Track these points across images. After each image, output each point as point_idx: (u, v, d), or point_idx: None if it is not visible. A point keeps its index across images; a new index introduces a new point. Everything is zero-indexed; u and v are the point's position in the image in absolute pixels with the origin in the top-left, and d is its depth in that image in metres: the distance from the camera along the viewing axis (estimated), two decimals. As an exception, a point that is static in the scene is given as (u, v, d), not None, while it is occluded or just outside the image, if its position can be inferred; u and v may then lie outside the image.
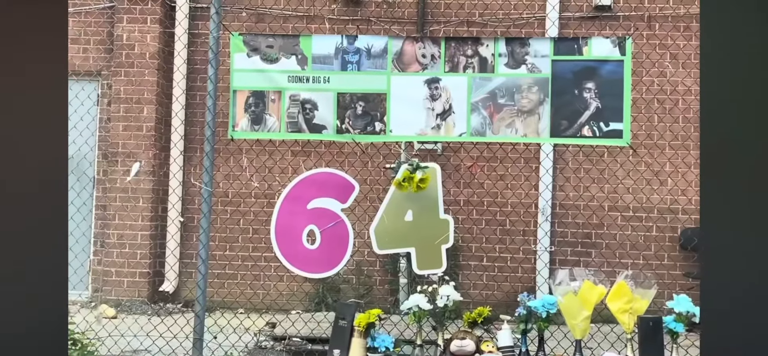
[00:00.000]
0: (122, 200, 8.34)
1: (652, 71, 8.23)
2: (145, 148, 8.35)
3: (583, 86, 5.29)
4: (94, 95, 8.56)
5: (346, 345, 5.32)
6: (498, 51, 5.38)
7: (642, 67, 8.13)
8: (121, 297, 8.18)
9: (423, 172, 5.41)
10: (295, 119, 5.42)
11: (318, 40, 5.51)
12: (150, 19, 8.43)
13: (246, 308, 8.10)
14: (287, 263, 5.53)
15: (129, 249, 8.29)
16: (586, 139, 5.37)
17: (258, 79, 5.45)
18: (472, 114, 5.37)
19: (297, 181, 5.69)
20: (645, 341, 5.11)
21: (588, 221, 8.22)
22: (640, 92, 8.20)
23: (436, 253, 5.53)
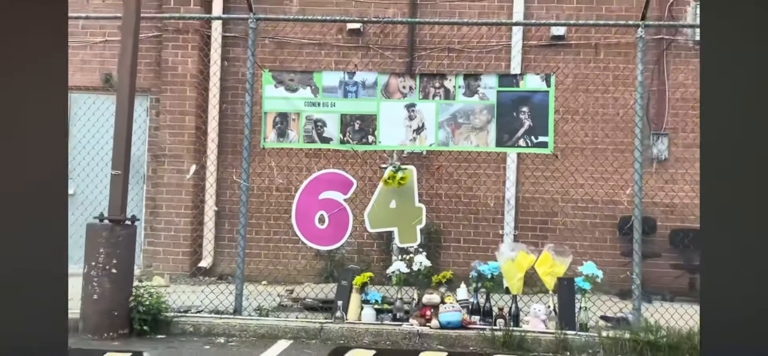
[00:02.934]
0: (168, 193, 10.30)
1: (597, 89, 10.12)
2: (186, 151, 10.31)
3: (519, 110, 7.25)
4: (145, 108, 10.51)
5: (347, 299, 7.32)
6: (458, 84, 7.34)
7: (590, 86, 10.03)
8: (167, 272, 10.13)
9: (403, 172, 7.40)
10: (309, 133, 7.41)
11: (327, 75, 7.50)
12: (190, 46, 10.38)
13: (268, 280, 10.05)
14: (304, 239, 7.54)
15: (173, 233, 10.25)
16: (522, 148, 7.34)
17: (282, 104, 7.43)
18: (439, 130, 7.33)
19: (311, 178, 7.69)
20: (562, 295, 7.08)
21: (544, 211, 10.15)
22: (587, 105, 10.11)
23: (412, 231, 7.54)
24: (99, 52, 10.57)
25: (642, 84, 7.48)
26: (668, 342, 6.54)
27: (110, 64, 10.49)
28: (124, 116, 6.92)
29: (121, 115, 6.93)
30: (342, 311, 7.22)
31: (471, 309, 7.21)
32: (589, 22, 9.66)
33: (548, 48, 10.26)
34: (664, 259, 9.86)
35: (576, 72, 10.13)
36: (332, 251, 9.54)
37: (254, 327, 7.07)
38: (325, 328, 7.02)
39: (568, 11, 10.24)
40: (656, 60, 10.17)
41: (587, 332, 6.90)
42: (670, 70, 10.13)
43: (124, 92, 6.96)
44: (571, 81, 10.09)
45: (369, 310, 7.24)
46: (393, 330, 6.98)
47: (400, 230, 7.56)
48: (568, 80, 10.07)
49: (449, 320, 6.95)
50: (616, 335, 6.72)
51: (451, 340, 6.81)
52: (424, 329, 6.95)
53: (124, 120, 6.91)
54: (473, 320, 7.13)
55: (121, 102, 6.94)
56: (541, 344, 6.74)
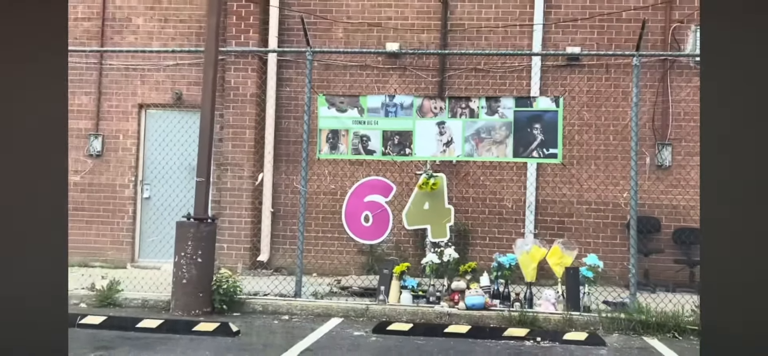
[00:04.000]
0: (231, 196, 11.84)
1: (609, 104, 11.41)
2: (246, 160, 11.84)
3: (533, 126, 8.61)
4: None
5: (388, 285, 8.75)
6: (481, 105, 8.73)
7: (602, 101, 11.32)
8: (230, 265, 11.65)
9: (435, 179, 8.81)
10: (356, 147, 8.86)
11: (371, 98, 8.95)
12: (249, 68, 11.91)
13: (318, 272, 11.52)
14: (352, 234, 9.00)
15: (235, 231, 11.78)
16: (535, 159, 8.70)
17: (334, 123, 8.90)
18: (465, 143, 8.73)
19: (357, 184, 9.16)
20: (568, 282, 8.41)
21: (561, 212, 11.46)
22: (599, 118, 11.42)
23: (443, 228, 8.95)
24: (170, 74, 12.15)
25: (637, 104, 8.79)
26: (656, 320, 7.85)
27: (180, 83, 12.09)
28: (207, 134, 8.44)
29: (203, 133, 8.45)
30: (384, 295, 8.66)
31: (492, 293, 8.60)
32: (591, 52, 11.01)
33: (564, 68, 11.57)
34: (667, 254, 11.09)
35: (589, 89, 11.45)
36: (374, 247, 10.98)
37: (312, 307, 8.55)
38: (370, 308, 8.46)
39: (582, 35, 11.55)
40: (661, 78, 11.42)
41: (589, 313, 8.23)
42: (672, 86, 11.37)
43: (206, 115, 8.48)
44: (585, 97, 11.42)
45: (407, 294, 8.67)
46: (427, 310, 8.39)
47: (432, 227, 9.01)
48: (582, 96, 11.41)
49: (474, 303, 8.34)
50: (614, 315, 8.05)
51: (475, 319, 8.19)
52: (452, 310, 8.35)
53: (206, 137, 8.44)
54: (494, 303, 8.51)
55: (204, 123, 8.47)
56: (551, 322, 8.09)
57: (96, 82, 12.19)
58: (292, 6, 11.96)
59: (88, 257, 11.87)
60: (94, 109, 12.17)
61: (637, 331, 7.85)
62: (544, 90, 11.46)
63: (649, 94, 11.39)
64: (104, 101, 12.21)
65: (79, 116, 12.15)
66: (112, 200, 12.11)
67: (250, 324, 7.87)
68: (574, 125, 11.36)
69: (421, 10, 11.85)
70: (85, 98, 12.18)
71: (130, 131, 12.14)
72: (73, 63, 12.11)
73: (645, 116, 11.33)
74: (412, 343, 7.10)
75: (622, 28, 11.49)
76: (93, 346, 6.54)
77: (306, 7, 11.93)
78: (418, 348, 6.86)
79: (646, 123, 11.33)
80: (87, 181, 12.10)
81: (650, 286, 10.48)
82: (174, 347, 6.61)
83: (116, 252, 12.02)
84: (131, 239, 12.09)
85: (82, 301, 8.79)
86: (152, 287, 9.32)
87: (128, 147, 12.14)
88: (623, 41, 11.35)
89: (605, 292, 9.06)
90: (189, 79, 12.08)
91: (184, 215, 8.57)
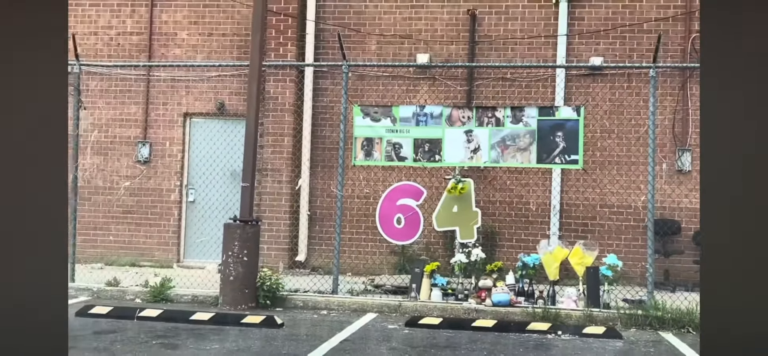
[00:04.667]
0: (270, 200, 12.55)
1: (630, 111, 11.91)
2: (284, 166, 12.54)
3: (555, 134, 9.17)
4: (251, 130, 12.77)
5: (419, 283, 9.36)
6: (506, 114, 9.32)
7: (624, 109, 11.83)
8: (270, 265, 12.35)
9: (463, 183, 9.43)
10: (390, 154, 9.50)
11: (403, 108, 9.59)
12: (288, 79, 12.61)
13: (352, 272, 12.16)
14: (385, 235, 9.66)
15: (275, 232, 12.48)
16: (557, 165, 9.27)
17: (369, 131, 9.55)
18: (491, 150, 9.32)
19: (390, 188, 9.81)
20: (589, 281, 8.96)
21: (584, 215, 11.98)
22: (621, 125, 11.92)
23: (471, 230, 9.56)
24: (213, 85, 12.90)
25: (653, 113, 9.30)
26: (672, 317, 8.37)
27: (222, 93, 12.83)
28: (251, 142, 9.14)
29: (248, 141, 9.15)
30: (416, 292, 9.28)
31: (517, 291, 9.18)
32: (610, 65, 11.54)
33: (587, 76, 12.09)
34: (687, 256, 11.54)
35: (611, 97, 11.96)
36: (405, 247, 11.60)
37: (348, 303, 9.20)
38: (403, 305, 9.09)
39: (604, 45, 12.07)
40: (681, 86, 11.89)
41: (609, 309, 8.76)
42: (692, 94, 11.83)
43: (251, 125, 9.18)
44: (607, 104, 11.94)
45: (437, 292, 9.28)
46: (456, 306, 8.99)
47: (460, 229, 9.62)
48: (605, 104, 11.93)
49: (500, 300, 8.92)
50: (632, 311, 8.58)
51: (501, 315, 8.77)
52: (480, 306, 8.94)
53: (251, 146, 9.14)
54: (519, 300, 9.08)
55: (249, 132, 9.17)
56: (572, 318, 8.64)
57: (144, 92, 12.98)
58: (328, 20, 12.64)
59: (137, 257, 12.66)
60: (142, 118, 12.96)
61: (653, 326, 8.37)
62: (568, 98, 11.99)
63: (670, 101, 11.87)
64: (152, 110, 12.99)
65: (129, 125, 12.96)
66: (159, 203, 12.89)
67: (293, 317, 8.54)
68: (596, 131, 11.88)
69: (450, 22, 12.45)
70: (134, 107, 12.98)
71: (176, 138, 12.90)
72: (123, 75, 12.95)
73: (666, 123, 11.81)
74: (442, 335, 7.70)
75: (644, 39, 11.97)
76: (153, 336, 7.26)
77: (341, 21, 12.60)
78: (447, 340, 7.46)
79: (666, 130, 11.81)
80: (136, 186, 12.89)
81: (670, 286, 10.96)
82: (226, 337, 7.30)
83: (163, 253, 12.79)
84: (177, 241, 12.85)
85: (137, 297, 9.54)
86: (200, 284, 10.04)
87: (174, 154, 12.90)
88: (644, 51, 11.84)
89: (624, 290, 9.57)
90: (231, 89, 12.82)
91: (230, 217, 9.28)
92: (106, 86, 13.04)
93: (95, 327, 7.63)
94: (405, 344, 7.26)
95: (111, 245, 12.85)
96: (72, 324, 7.80)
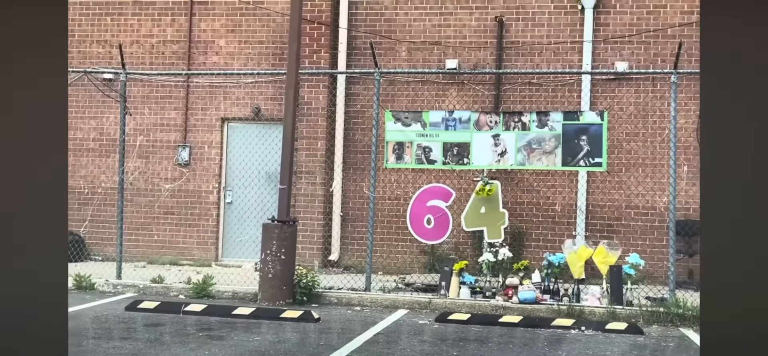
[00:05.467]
0: (304, 201, 13.03)
1: (654, 115, 12.18)
2: (318, 168, 13.01)
3: (579, 138, 9.52)
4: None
5: (448, 281, 9.77)
6: (532, 118, 9.69)
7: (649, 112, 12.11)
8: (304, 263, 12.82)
9: (490, 185, 9.81)
10: (420, 157, 9.93)
11: (432, 113, 10.02)
12: (321, 85, 13.08)
13: (383, 270, 12.59)
14: (416, 235, 10.08)
15: (309, 232, 12.96)
16: (581, 167, 9.61)
17: (400, 136, 9.98)
18: (518, 153, 9.70)
19: (420, 191, 10.24)
20: (612, 279, 9.29)
21: (610, 216, 12.28)
22: (645, 128, 12.20)
23: (498, 230, 9.95)
24: (250, 91, 13.42)
25: (675, 118, 9.60)
26: (692, 314, 8.67)
27: (258, 99, 13.35)
28: (288, 146, 9.62)
29: (285, 146, 9.64)
30: (445, 289, 9.68)
31: (543, 289, 9.54)
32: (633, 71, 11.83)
33: (612, 81, 12.39)
34: (711, 256, 11.78)
35: (636, 100, 12.25)
36: (435, 247, 12.01)
37: (380, 300, 9.63)
38: (433, 302, 9.50)
39: (629, 50, 12.36)
40: (705, 90, 12.13)
41: (631, 306, 9.09)
42: (716, 98, 12.06)
43: (288, 130, 9.67)
44: (632, 108, 12.23)
45: (465, 289, 9.67)
46: (483, 303, 9.38)
47: (488, 229, 10.01)
48: (630, 107, 12.23)
49: (526, 297, 9.29)
50: (654, 308, 8.90)
51: (527, 312, 9.13)
52: (507, 303, 9.31)
53: (288, 150, 9.62)
54: (544, 297, 9.45)
55: (286, 137, 9.65)
56: (596, 314, 8.98)
57: (184, 98, 13.55)
58: (359, 27, 13.10)
59: (177, 256, 13.22)
60: (182, 122, 13.53)
61: (674, 323, 8.69)
62: (593, 102, 12.30)
63: (694, 105, 12.11)
64: (191, 115, 13.55)
65: (169, 129, 13.54)
66: (198, 204, 13.44)
67: (328, 312, 9.00)
68: (622, 133, 12.18)
69: (478, 28, 12.83)
70: (174, 112, 13.55)
71: (214, 142, 13.44)
72: (164, 81, 13.52)
73: (690, 126, 12.07)
74: (470, 330, 8.10)
75: (668, 44, 12.23)
76: (200, 328, 7.76)
77: (372, 28, 13.05)
78: (475, 334, 7.86)
79: (690, 132, 12.07)
80: (176, 187, 13.47)
81: (694, 285, 11.21)
82: (267, 330, 7.78)
83: (202, 252, 13.33)
84: (215, 240, 13.39)
85: (180, 293, 10.08)
86: (238, 281, 10.54)
87: (212, 157, 13.45)
88: (668, 56, 12.10)
89: (647, 289, 9.88)
90: (266, 95, 13.33)
91: (269, 218, 9.76)
92: (147, 92, 13.62)
93: (145, 320, 8.15)
94: (435, 338, 7.67)
95: (152, 244, 13.43)
96: (123, 317, 8.35)
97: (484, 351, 7.09)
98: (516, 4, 12.72)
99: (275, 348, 6.86)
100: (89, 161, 13.74)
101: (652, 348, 7.50)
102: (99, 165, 13.71)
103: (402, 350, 7.07)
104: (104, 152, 13.71)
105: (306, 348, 6.99)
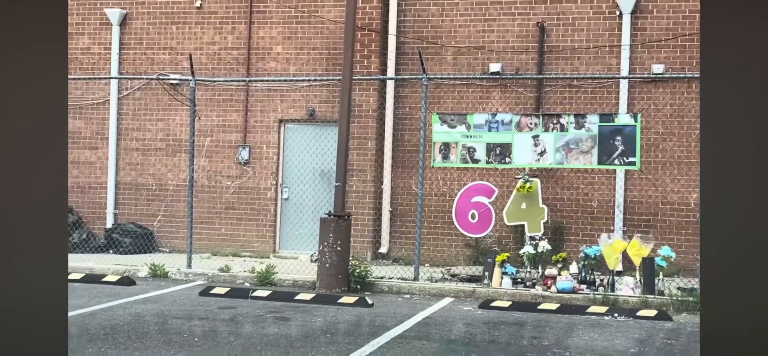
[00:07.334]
0: (356, 198, 13.89)
1: (689, 115, 12.73)
2: (368, 167, 13.86)
3: (614, 138, 10.19)
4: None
5: (491, 271, 10.54)
6: (570, 120, 10.39)
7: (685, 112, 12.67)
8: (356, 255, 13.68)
9: (530, 183, 10.56)
10: (465, 157, 10.71)
11: (476, 116, 10.80)
12: (371, 88, 13.93)
13: (430, 263, 13.38)
14: (461, 229, 10.88)
15: (360, 227, 13.80)
16: (616, 166, 10.29)
17: (446, 137, 10.78)
18: (556, 153, 10.41)
19: (465, 188, 11.03)
20: (645, 270, 9.95)
21: (647, 211, 12.87)
22: (681, 127, 12.77)
23: (538, 225, 10.69)
24: (305, 94, 14.35)
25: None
26: (720, 303, 9.27)
27: (312, 101, 14.26)
28: (343, 147, 10.49)
29: (341, 146, 10.51)
30: (488, 279, 10.46)
31: (580, 279, 10.25)
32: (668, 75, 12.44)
33: (650, 82, 12.98)
34: (744, 250, 12.30)
35: (672, 101, 12.83)
36: (478, 240, 12.77)
37: (428, 288, 10.45)
38: (477, 291, 10.28)
39: (666, 54, 12.93)
40: (739, 91, 12.64)
41: (663, 296, 9.73)
42: (750, 99, 12.56)
43: (343, 132, 10.54)
44: (668, 108, 12.81)
45: (507, 279, 10.43)
46: (524, 292, 10.12)
47: (528, 223, 10.76)
48: (666, 108, 12.81)
49: (564, 287, 10.01)
50: (684, 298, 9.53)
51: (565, 300, 9.84)
52: (546, 293, 10.04)
53: (343, 150, 10.50)
54: (581, 287, 10.15)
55: (341, 138, 10.53)
56: (629, 303, 9.65)
57: (244, 101, 14.54)
58: (407, 33, 13.91)
59: (238, 249, 14.23)
60: (242, 124, 14.53)
61: (703, 312, 9.30)
62: (631, 103, 12.90)
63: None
64: (250, 117, 14.54)
65: (230, 130, 14.55)
66: (257, 200, 14.43)
67: (380, 299, 9.86)
68: (659, 132, 12.76)
69: (520, 34, 13.53)
70: (235, 114, 14.56)
71: (272, 142, 14.41)
72: (226, 86, 14.54)
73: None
74: (511, 316, 8.87)
75: (703, 47, 12.77)
76: (267, 311, 8.69)
77: (419, 34, 13.85)
78: (516, 320, 8.62)
79: (725, 132, 12.58)
80: (237, 185, 14.47)
81: (727, 278, 11.77)
82: (326, 313, 8.66)
83: (261, 244, 14.32)
84: (273, 233, 14.35)
85: (246, 281, 11.04)
86: (297, 271, 11.46)
87: (270, 156, 14.42)
88: (703, 59, 12.64)
89: (680, 280, 10.50)
90: (320, 98, 14.24)
91: (325, 212, 10.65)
92: (210, 96, 14.65)
93: (218, 304, 9.11)
94: (479, 321, 8.46)
95: (215, 237, 14.46)
96: (199, 301, 9.32)
97: (523, 333, 7.86)
98: (557, 10, 13.38)
99: (336, 328, 7.74)
100: (157, 160, 14.83)
101: (676, 332, 8.17)
102: (166, 164, 14.79)
103: (449, 330, 7.88)
104: (170, 151, 14.78)
105: (363, 328, 7.86)
